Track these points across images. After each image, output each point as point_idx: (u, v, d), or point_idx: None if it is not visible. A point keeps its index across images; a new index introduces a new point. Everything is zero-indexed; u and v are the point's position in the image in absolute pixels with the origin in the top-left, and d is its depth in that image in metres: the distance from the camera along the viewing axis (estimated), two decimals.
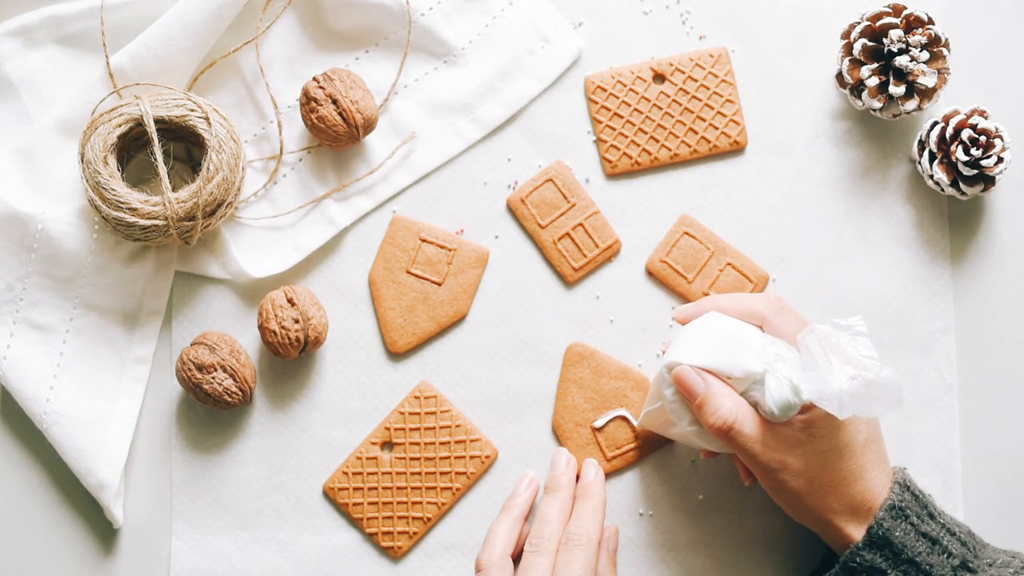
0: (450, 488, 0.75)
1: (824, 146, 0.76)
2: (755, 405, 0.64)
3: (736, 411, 0.63)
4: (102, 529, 0.75)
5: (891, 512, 0.64)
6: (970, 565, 0.63)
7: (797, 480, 0.64)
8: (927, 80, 0.71)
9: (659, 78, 0.77)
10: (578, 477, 0.73)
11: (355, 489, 0.75)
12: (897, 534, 0.63)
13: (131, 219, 0.70)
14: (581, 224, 0.76)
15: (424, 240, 0.76)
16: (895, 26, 0.71)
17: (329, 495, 0.75)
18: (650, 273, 0.76)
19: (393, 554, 0.75)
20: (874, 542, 0.63)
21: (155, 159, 0.71)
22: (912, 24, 0.72)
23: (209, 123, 0.72)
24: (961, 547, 0.64)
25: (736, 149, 0.76)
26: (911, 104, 0.72)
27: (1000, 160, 0.72)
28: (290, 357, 0.72)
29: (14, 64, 0.76)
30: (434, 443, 0.75)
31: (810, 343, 0.62)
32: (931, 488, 0.74)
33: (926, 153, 0.73)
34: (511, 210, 0.77)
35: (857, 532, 0.64)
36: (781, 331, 0.65)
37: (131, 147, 0.75)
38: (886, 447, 0.67)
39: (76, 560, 0.75)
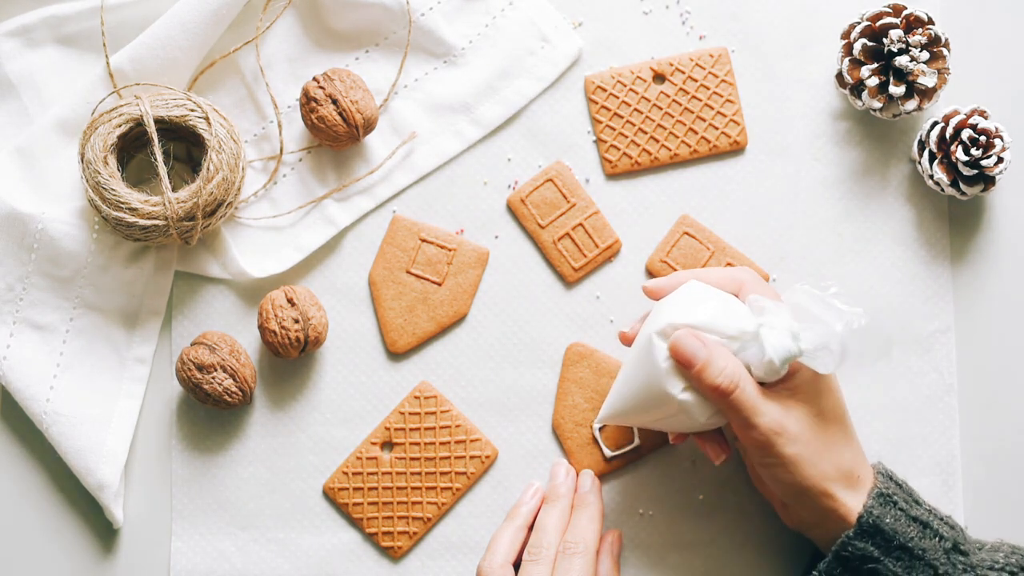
0: (450, 488, 0.75)
1: (824, 146, 0.76)
2: (747, 368, 0.64)
3: (738, 372, 0.62)
4: (102, 529, 0.75)
5: (879, 499, 0.64)
6: (961, 547, 0.64)
7: (795, 445, 0.63)
8: (927, 80, 0.71)
9: (659, 78, 0.77)
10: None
11: (355, 489, 0.75)
12: (887, 520, 0.63)
13: (131, 219, 0.70)
14: (581, 224, 0.76)
15: (424, 240, 0.76)
16: (895, 26, 0.71)
17: (329, 495, 0.75)
18: (650, 273, 0.76)
19: (393, 554, 0.75)
20: (865, 530, 0.63)
21: (155, 159, 0.71)
22: (912, 24, 0.72)
23: (209, 123, 0.72)
24: (951, 530, 0.64)
25: (736, 149, 0.76)
26: (911, 104, 0.72)
27: (1000, 160, 0.72)
28: (290, 357, 0.72)
29: (14, 64, 0.76)
30: (434, 443, 0.75)
31: (800, 299, 0.63)
32: (931, 488, 0.74)
33: (926, 153, 0.73)
34: (511, 210, 0.77)
35: (853, 500, 0.64)
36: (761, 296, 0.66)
37: (131, 147, 0.75)
38: None
39: (76, 560, 0.75)
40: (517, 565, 0.69)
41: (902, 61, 0.71)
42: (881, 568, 0.63)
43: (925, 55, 0.71)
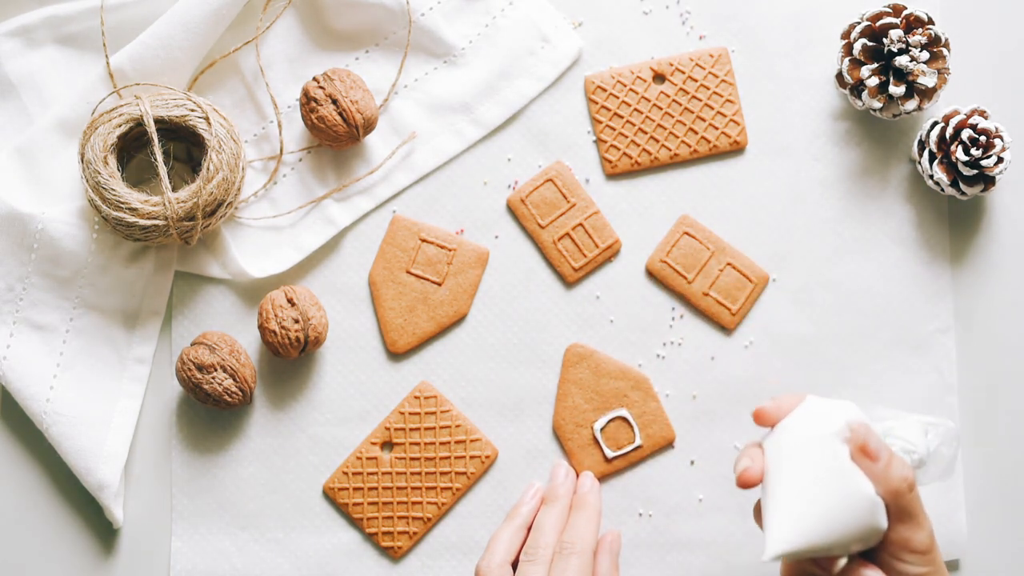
0: (450, 488, 0.75)
1: (824, 146, 0.76)
2: None
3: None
4: (102, 529, 0.75)
5: None
6: None
7: (939, 553, 0.59)
8: (927, 80, 0.71)
9: (659, 78, 0.77)
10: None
11: (355, 489, 0.75)
12: None
13: (131, 219, 0.71)
14: (581, 224, 0.76)
15: (424, 240, 0.76)
16: (895, 26, 0.71)
17: (329, 495, 0.75)
18: (650, 273, 0.76)
19: (393, 554, 0.75)
20: None
21: (155, 159, 0.71)
22: (912, 24, 0.72)
23: (209, 123, 0.72)
24: None
25: (736, 149, 0.76)
26: (911, 104, 0.72)
27: (1000, 160, 0.72)
28: (290, 357, 0.72)
29: (14, 64, 0.76)
30: (434, 443, 0.75)
31: (884, 413, 0.64)
32: (931, 489, 0.74)
33: (926, 153, 0.73)
34: (511, 210, 0.77)
35: None
36: None
37: (131, 147, 0.75)
38: None
39: (76, 560, 0.75)
40: (515, 565, 0.69)
41: (902, 61, 0.71)
42: None
43: (925, 55, 0.71)
